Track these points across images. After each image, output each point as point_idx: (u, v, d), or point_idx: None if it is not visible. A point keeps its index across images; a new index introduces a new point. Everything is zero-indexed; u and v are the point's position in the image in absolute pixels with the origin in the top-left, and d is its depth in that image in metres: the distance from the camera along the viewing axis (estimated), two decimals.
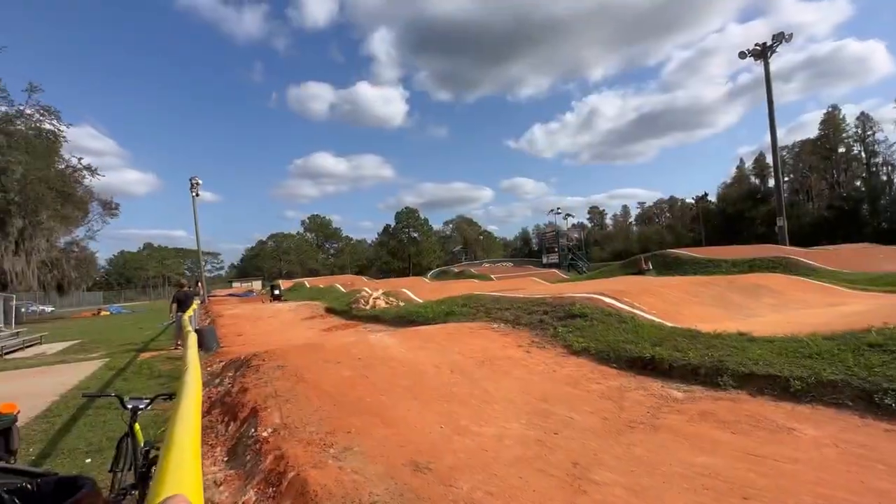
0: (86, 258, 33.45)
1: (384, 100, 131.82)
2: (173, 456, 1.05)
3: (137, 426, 3.12)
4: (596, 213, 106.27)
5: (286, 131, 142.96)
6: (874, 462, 3.08)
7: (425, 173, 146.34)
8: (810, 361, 4.62)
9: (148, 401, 3.15)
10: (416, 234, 79.78)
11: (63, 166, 30.38)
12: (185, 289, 13.49)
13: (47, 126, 28.81)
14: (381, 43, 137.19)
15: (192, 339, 3.76)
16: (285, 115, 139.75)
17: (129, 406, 3.07)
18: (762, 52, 26.53)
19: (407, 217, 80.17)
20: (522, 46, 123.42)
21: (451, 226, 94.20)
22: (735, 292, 10.19)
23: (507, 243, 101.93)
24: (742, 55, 27.42)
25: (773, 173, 32.06)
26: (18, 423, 2.71)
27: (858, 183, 58.11)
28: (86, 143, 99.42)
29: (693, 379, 5.03)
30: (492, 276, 37.21)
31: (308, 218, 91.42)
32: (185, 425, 1.21)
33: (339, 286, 27.48)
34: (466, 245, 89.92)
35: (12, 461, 2.54)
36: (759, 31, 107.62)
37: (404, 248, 77.76)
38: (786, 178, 60.26)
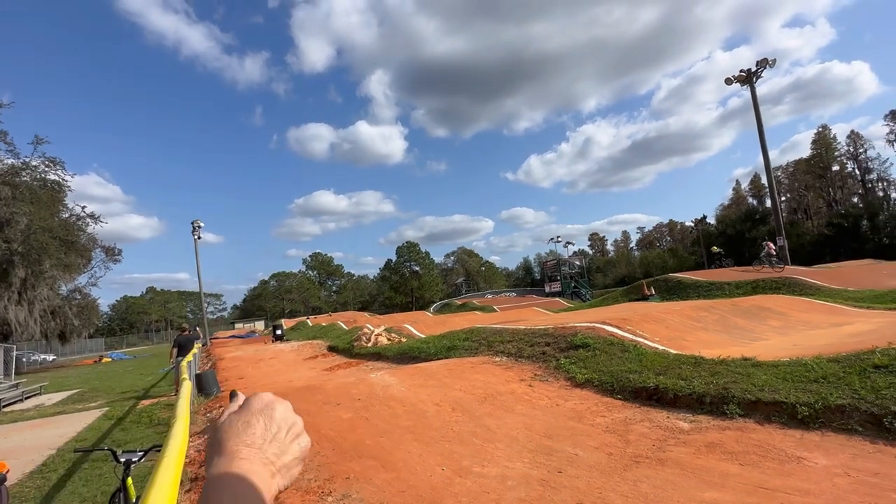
0: (88, 305, 33.34)
1: (383, 138, 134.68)
2: None
3: (130, 480, 3.05)
4: (596, 239, 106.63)
5: (287, 172, 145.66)
6: (888, 491, 2.98)
7: (426, 207, 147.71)
8: (817, 386, 4.54)
9: (142, 453, 3.10)
10: (417, 268, 79.73)
11: (67, 215, 30.78)
12: (187, 333, 13.42)
13: (52, 177, 29.37)
14: (378, 84, 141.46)
15: (186, 387, 3.72)
16: (286, 156, 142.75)
17: (122, 459, 3.02)
18: (748, 78, 27.19)
19: (408, 251, 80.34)
20: (516, 82, 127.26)
21: (452, 258, 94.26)
22: (738, 316, 10.09)
23: (510, 273, 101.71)
24: (728, 81, 28.08)
25: (769, 194, 32.31)
26: (9, 483, 2.66)
27: (856, 199, 58.43)
28: (92, 191, 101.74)
29: (699, 408, 4.93)
30: (495, 307, 36.98)
31: (310, 256, 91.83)
32: (161, 484, 1.20)
33: (341, 324, 27.28)
34: (468, 277, 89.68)
35: None
36: (745, 57, 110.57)
37: (406, 282, 77.55)
38: (783, 198, 60.74)
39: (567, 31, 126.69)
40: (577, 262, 56.96)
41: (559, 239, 67.80)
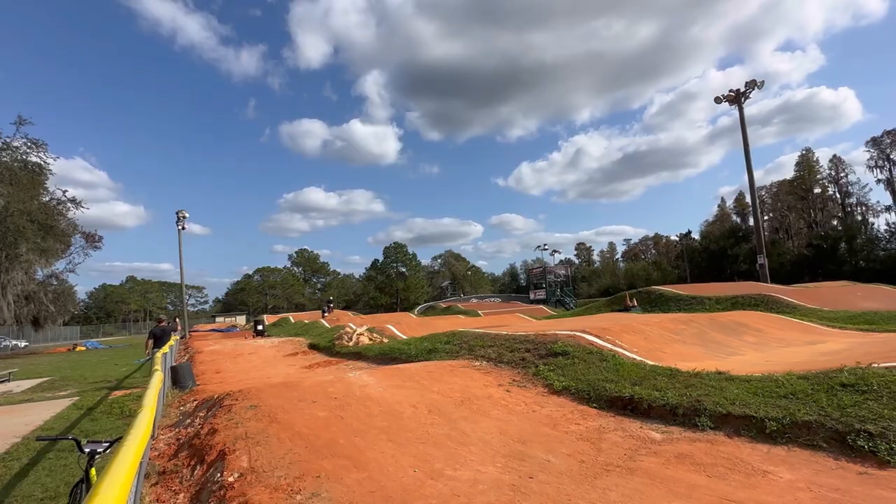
0: (64, 291, 32.58)
1: (376, 137, 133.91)
2: None
3: (93, 471, 2.99)
4: (583, 249, 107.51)
5: (278, 166, 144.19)
6: None
7: (416, 209, 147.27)
8: (785, 401, 4.63)
9: (107, 444, 3.04)
10: (404, 269, 79.52)
11: (47, 199, 30.12)
12: (164, 324, 13.22)
13: (33, 159, 28.73)
14: (373, 84, 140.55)
15: (156, 378, 3.66)
16: (277, 151, 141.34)
17: (87, 450, 2.96)
18: (736, 98, 27.75)
19: (395, 252, 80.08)
20: (511, 90, 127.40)
21: (439, 261, 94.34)
22: (716, 330, 10.25)
23: (496, 279, 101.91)
24: (717, 100, 28.63)
25: (752, 212, 32.91)
26: None
27: (835, 222, 59.84)
28: (78, 176, 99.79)
29: (671, 419, 4.99)
30: (479, 311, 37.08)
31: (296, 252, 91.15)
32: (115, 474, 1.18)
33: (323, 321, 27.08)
34: (454, 280, 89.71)
35: None
36: (738, 77, 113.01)
37: (392, 283, 77.24)
38: (766, 217, 61.93)
39: (565, 42, 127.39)
40: (563, 271, 57.50)
41: (546, 247, 68.51)
